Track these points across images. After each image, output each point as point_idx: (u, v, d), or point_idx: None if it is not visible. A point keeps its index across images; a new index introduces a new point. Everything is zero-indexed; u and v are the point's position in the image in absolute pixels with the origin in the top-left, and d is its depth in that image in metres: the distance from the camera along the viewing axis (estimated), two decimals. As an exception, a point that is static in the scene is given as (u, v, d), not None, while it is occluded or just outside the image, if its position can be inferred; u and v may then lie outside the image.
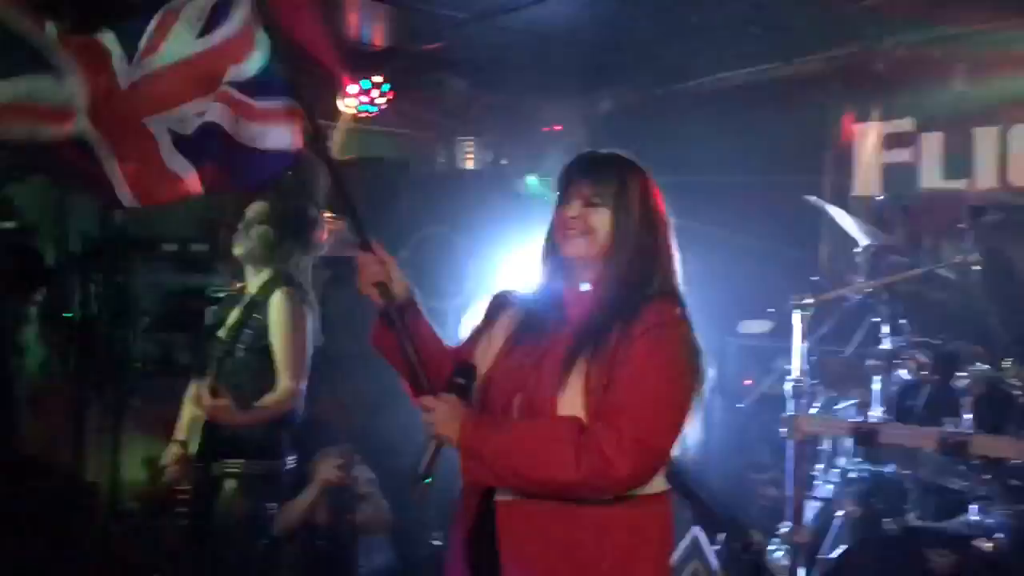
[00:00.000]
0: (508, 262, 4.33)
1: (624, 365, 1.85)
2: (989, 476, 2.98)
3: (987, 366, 2.83)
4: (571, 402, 1.86)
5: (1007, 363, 2.83)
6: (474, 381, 1.95)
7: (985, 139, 4.45)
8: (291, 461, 3.28)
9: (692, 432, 2.00)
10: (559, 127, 5.60)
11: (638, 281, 1.96)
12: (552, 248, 2.05)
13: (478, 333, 2.09)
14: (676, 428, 1.89)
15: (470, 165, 5.03)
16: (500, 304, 2.12)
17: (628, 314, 1.90)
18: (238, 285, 3.29)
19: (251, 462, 3.12)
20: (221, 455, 3.10)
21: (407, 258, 4.62)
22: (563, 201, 2.01)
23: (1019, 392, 2.82)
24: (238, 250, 3.23)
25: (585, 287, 2.00)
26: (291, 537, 3.70)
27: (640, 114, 5.54)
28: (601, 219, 1.96)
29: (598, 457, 1.79)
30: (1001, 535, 2.61)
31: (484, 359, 2.02)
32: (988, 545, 2.58)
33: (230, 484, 3.11)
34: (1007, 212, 3.15)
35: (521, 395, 1.92)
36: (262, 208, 3.24)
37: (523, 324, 2.02)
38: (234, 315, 3.15)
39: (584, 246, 1.97)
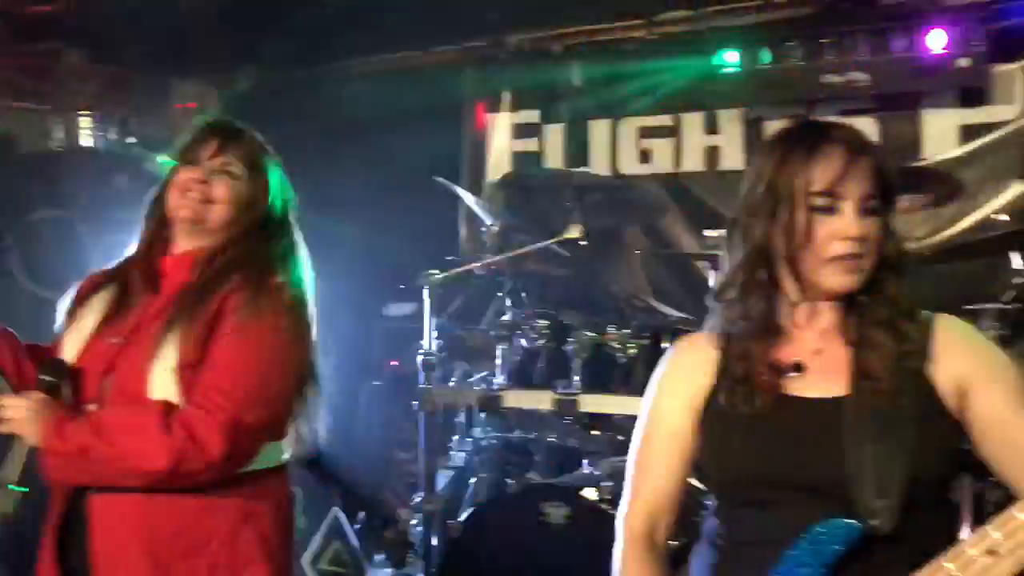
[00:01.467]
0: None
1: (219, 339, 1.78)
2: (598, 432, 3.29)
3: (593, 332, 3.12)
4: (163, 381, 1.76)
5: (610, 329, 3.14)
6: (65, 375, 1.80)
7: (599, 131, 4.90)
8: None
9: (321, 411, 2.00)
10: (193, 104, 5.34)
11: (250, 253, 1.90)
12: (157, 211, 1.95)
13: (67, 319, 1.93)
14: (276, 403, 1.84)
15: (90, 142, 4.65)
16: (91, 284, 1.97)
17: (227, 285, 1.83)
18: None
19: None
20: None
21: (15, 245, 4.18)
22: (187, 163, 1.91)
23: (620, 354, 3.14)
24: None
25: (185, 255, 1.91)
26: None
27: (281, 95, 5.44)
28: (227, 190, 1.90)
29: (189, 442, 1.71)
30: (608, 483, 2.88)
31: (74, 345, 1.87)
32: (595, 494, 2.84)
33: None
34: (609, 193, 3.48)
35: (111, 377, 1.79)
36: None
37: (115, 300, 1.89)
38: None
39: (202, 213, 1.89)
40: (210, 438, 1.72)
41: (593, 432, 3.24)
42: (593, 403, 3.02)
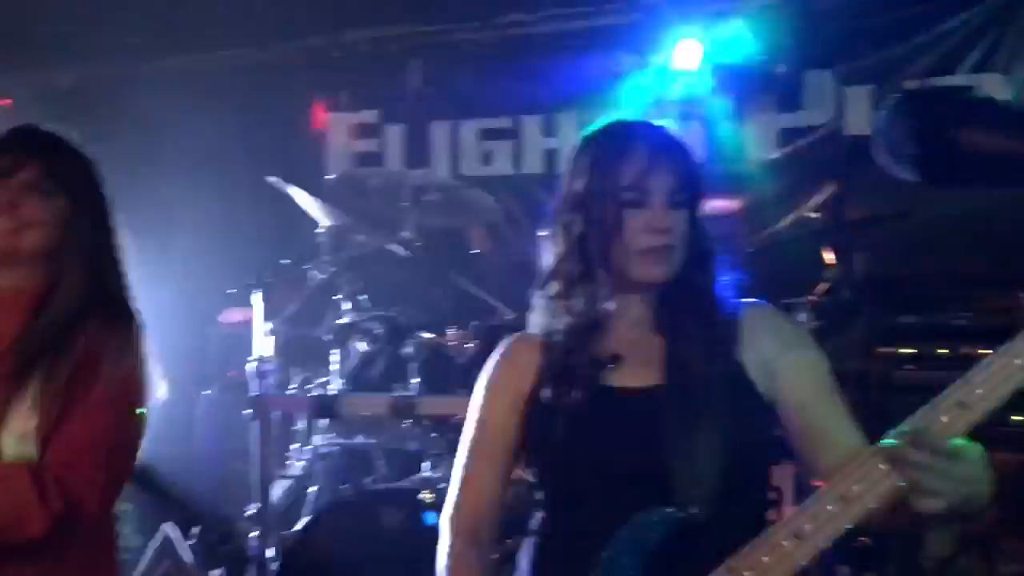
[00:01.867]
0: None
1: (88, 390, 1.62)
2: (438, 434, 3.26)
3: (431, 334, 3.11)
4: (18, 433, 1.60)
5: (448, 330, 3.13)
6: None
7: (440, 132, 4.89)
8: None
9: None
10: (7, 101, 5.01)
11: (94, 287, 1.72)
12: None
13: None
14: (138, 447, 1.74)
15: None
16: None
17: (84, 330, 1.66)
18: None
19: None
20: None
21: None
22: None
23: (458, 355, 3.13)
24: None
25: (7, 294, 1.70)
26: None
27: (107, 93, 5.17)
28: (50, 210, 1.69)
29: (66, 505, 1.58)
30: (446, 485, 2.86)
31: None
32: (431, 495, 2.81)
33: None
34: (446, 193, 3.47)
35: None
36: None
37: None
38: None
39: (13, 244, 1.67)
40: (89, 499, 1.60)
41: (433, 434, 3.22)
42: (432, 405, 3.00)
